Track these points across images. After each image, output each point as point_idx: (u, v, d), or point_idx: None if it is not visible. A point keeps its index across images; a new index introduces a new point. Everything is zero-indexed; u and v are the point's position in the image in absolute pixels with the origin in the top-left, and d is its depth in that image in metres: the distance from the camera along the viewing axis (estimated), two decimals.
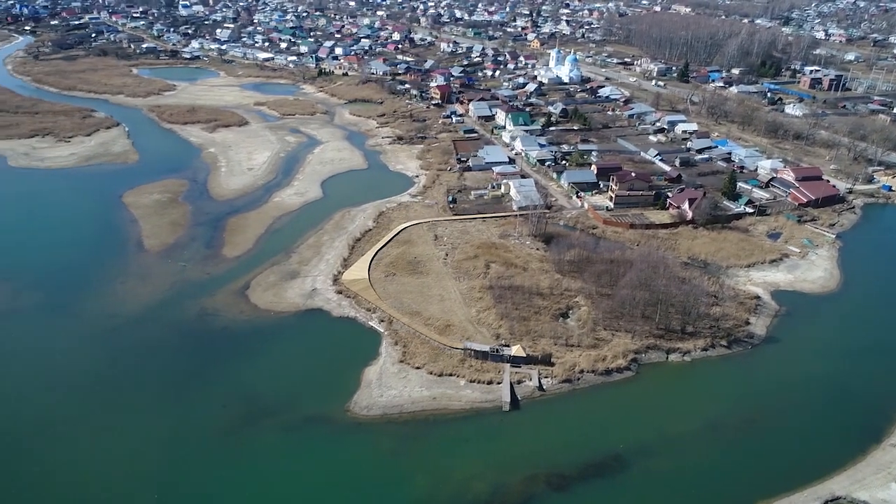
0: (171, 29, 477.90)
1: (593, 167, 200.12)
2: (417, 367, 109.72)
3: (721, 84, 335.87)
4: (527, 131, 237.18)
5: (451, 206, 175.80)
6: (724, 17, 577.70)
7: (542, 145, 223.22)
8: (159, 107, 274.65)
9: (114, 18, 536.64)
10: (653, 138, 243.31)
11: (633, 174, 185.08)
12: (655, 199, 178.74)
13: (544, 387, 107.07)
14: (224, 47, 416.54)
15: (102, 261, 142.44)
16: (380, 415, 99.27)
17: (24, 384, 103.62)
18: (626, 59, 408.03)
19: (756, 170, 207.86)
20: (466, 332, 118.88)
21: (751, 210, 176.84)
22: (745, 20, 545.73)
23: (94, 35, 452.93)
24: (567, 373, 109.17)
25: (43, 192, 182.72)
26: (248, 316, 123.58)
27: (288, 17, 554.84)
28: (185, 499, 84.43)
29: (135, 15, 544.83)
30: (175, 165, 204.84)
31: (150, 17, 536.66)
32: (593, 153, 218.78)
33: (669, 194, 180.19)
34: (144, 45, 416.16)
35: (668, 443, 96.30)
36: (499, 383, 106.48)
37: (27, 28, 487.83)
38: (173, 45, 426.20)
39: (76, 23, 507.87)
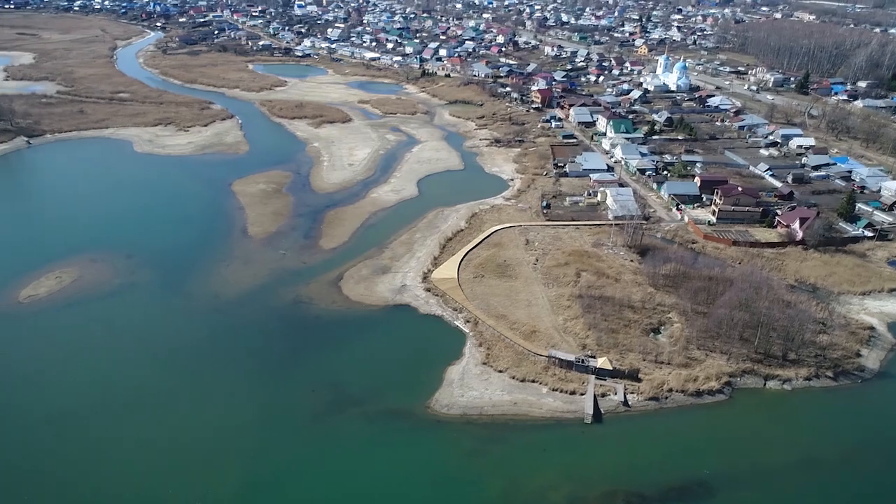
0: (286, 28, 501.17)
1: (697, 179, 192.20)
2: (500, 371, 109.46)
3: (844, 97, 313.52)
4: (628, 139, 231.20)
5: (545, 211, 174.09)
6: (852, 25, 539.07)
7: (643, 154, 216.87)
8: (270, 101, 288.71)
9: (235, 17, 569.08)
10: (764, 152, 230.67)
11: (739, 188, 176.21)
12: (762, 217, 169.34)
13: (629, 402, 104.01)
14: (334, 46, 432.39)
15: (211, 244, 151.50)
16: (459, 414, 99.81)
17: (132, 353, 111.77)
18: (739, 68, 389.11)
19: (879, 191, 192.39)
20: (552, 340, 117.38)
21: (870, 234, 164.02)
22: (877, 29, 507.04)
23: (216, 32, 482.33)
24: (654, 390, 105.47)
25: (163, 176, 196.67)
26: (340, 306, 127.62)
27: (396, 18, 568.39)
28: (270, 475, 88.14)
29: (254, 14, 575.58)
30: (281, 158, 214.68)
31: (268, 16, 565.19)
32: (697, 165, 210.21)
33: (778, 212, 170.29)
34: (261, 43, 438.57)
35: (759, 474, 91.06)
36: (582, 394, 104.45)
37: (158, 24, 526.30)
38: (287, 43, 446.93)
39: (201, 20, 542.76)
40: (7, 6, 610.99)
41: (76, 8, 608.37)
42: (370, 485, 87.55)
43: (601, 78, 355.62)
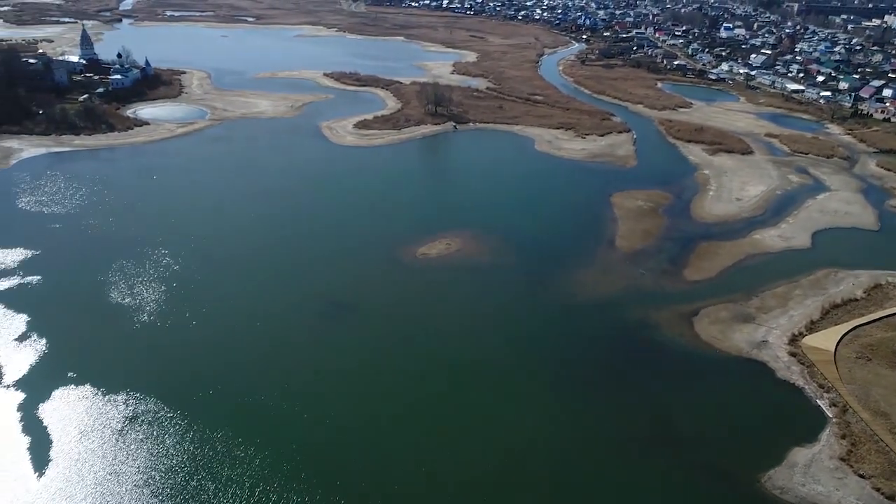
0: (706, 49, 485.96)
1: None
2: (861, 476, 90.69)
3: None
4: None
5: None
6: None
7: None
8: (670, 121, 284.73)
9: (657, 35, 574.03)
10: None
11: None
12: None
13: None
14: (753, 73, 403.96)
15: (578, 246, 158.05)
16: None
17: (481, 322, 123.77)
18: None
19: None
20: None
21: None
22: None
23: (634, 48, 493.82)
24: None
25: (550, 175, 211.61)
26: (686, 342, 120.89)
27: (836, 49, 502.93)
28: (566, 493, 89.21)
29: (676, 33, 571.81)
30: (666, 178, 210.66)
31: (690, 37, 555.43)
32: None
33: None
34: (675, 62, 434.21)
35: None
36: None
37: (584, 37, 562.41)
38: (703, 64, 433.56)
39: (624, 36, 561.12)
40: (469, 13, 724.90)
41: (519, 17, 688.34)
42: None
43: None
